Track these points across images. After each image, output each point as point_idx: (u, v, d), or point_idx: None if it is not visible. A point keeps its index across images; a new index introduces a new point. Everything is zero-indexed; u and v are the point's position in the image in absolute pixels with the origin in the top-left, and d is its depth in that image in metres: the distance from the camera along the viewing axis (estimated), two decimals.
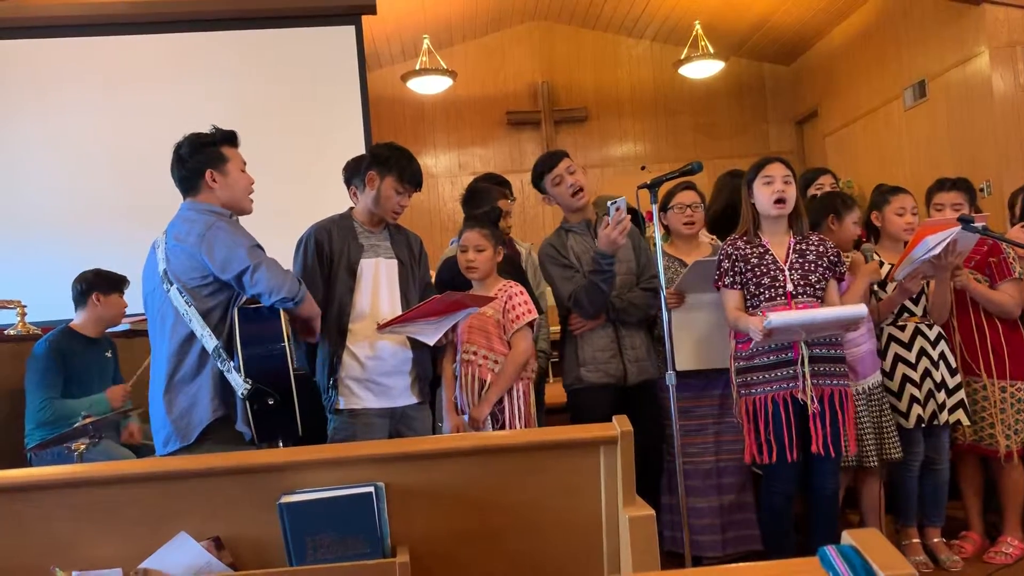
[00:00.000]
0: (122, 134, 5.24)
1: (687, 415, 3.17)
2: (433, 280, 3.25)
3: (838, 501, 3.03)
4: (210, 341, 2.44)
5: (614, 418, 1.68)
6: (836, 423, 2.79)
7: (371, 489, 1.60)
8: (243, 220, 2.68)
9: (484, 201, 3.48)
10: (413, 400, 2.92)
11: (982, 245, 3.19)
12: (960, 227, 2.86)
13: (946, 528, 3.31)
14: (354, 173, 3.04)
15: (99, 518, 1.62)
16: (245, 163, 2.67)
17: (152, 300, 2.59)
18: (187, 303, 2.45)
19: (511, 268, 3.22)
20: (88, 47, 5.34)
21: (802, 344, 2.79)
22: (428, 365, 2.99)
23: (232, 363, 2.41)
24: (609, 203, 2.93)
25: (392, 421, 2.88)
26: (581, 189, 3.23)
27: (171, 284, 2.48)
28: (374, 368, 2.85)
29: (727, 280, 2.92)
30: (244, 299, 2.51)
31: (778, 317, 2.66)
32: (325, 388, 2.89)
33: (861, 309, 2.74)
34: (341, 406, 2.85)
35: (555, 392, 3.58)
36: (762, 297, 2.86)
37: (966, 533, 3.33)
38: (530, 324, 2.97)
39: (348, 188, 3.09)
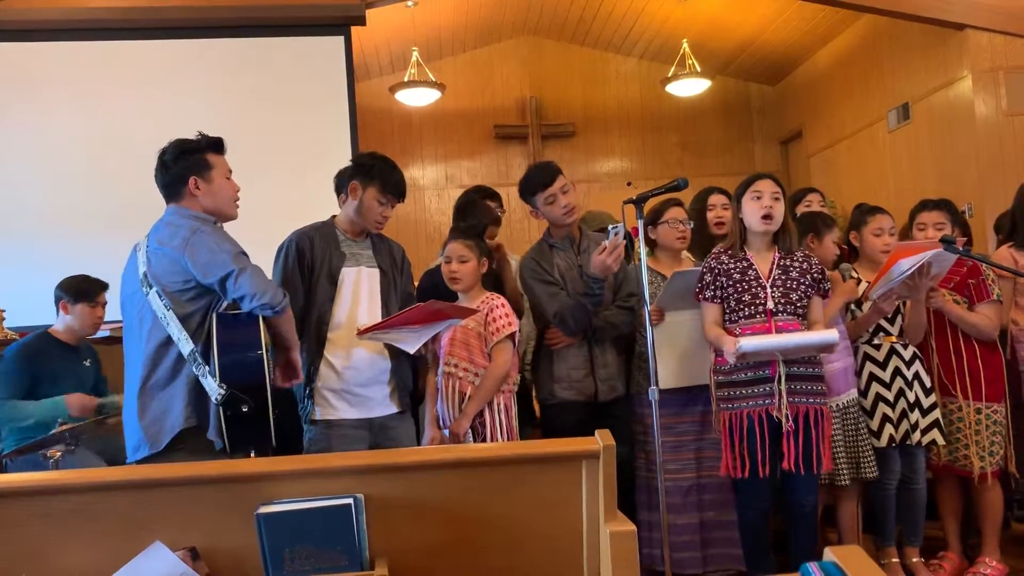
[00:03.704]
0: (107, 139, 5.20)
1: (668, 431, 3.16)
2: (416, 288, 3.24)
3: (817, 517, 3.04)
4: (187, 345, 2.41)
5: (596, 433, 1.67)
6: (810, 441, 2.81)
7: (350, 501, 1.59)
8: (228, 227, 2.66)
9: (478, 214, 3.48)
10: (392, 410, 2.89)
11: (961, 266, 3.21)
12: (933, 251, 2.89)
13: (925, 548, 3.32)
14: (344, 181, 3.02)
15: (72, 526, 1.59)
16: (231, 170, 2.66)
17: (131, 303, 2.56)
18: (166, 307, 2.43)
19: (493, 280, 3.21)
20: (74, 52, 5.30)
21: (780, 362, 2.81)
22: (408, 375, 2.96)
23: (208, 368, 2.38)
24: (610, 227, 2.93)
25: (371, 433, 2.85)
26: (574, 209, 3.22)
27: (150, 287, 2.45)
28: (351, 378, 2.83)
29: (708, 293, 2.93)
30: (224, 305, 2.49)
31: (749, 342, 2.71)
32: (302, 398, 2.86)
33: (833, 335, 2.77)
34: (317, 416, 2.82)
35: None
36: (742, 313, 2.87)
37: (945, 553, 3.34)
38: (511, 336, 2.96)
39: (338, 196, 3.06)
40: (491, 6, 6.94)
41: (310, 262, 2.85)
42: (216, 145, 2.63)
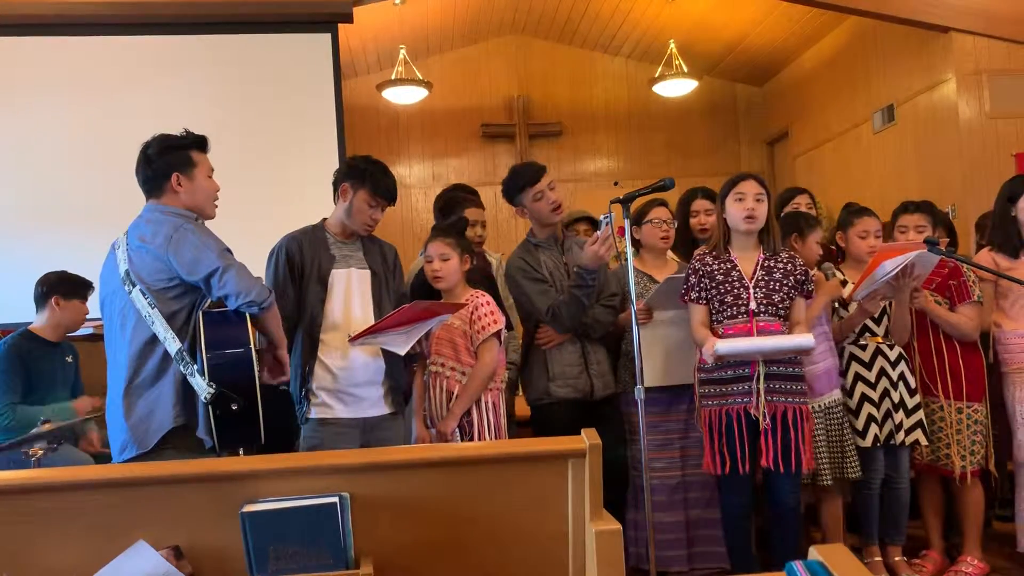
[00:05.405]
0: (89, 135, 5.15)
1: (654, 430, 3.18)
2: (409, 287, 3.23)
3: (799, 515, 3.06)
4: (173, 344, 2.39)
5: (583, 431, 1.67)
6: (789, 440, 2.83)
7: (335, 499, 1.58)
8: (213, 226, 2.65)
9: (457, 210, 3.49)
10: (385, 411, 2.90)
11: (943, 267, 3.24)
12: (916, 252, 2.91)
13: (907, 547, 3.34)
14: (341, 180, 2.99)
15: (55, 525, 1.58)
16: (212, 170, 2.64)
17: (112, 302, 2.53)
18: (151, 305, 2.41)
19: (481, 278, 3.21)
20: (57, 47, 5.25)
21: (759, 361, 2.84)
22: (402, 375, 2.96)
23: (196, 366, 2.37)
24: (602, 217, 2.96)
25: (364, 432, 2.85)
26: (561, 206, 3.24)
27: (133, 286, 2.43)
28: (345, 378, 2.83)
29: (693, 295, 2.96)
30: (208, 303, 2.47)
31: (725, 345, 2.78)
32: (298, 399, 2.86)
33: (808, 340, 2.81)
34: (312, 415, 2.83)
35: (520, 405, 3.57)
36: (725, 314, 2.90)
37: (927, 552, 3.37)
38: (497, 334, 2.96)
39: (335, 196, 3.02)
40: (479, 5, 6.93)
41: (300, 266, 2.86)
42: (200, 143, 2.62)
